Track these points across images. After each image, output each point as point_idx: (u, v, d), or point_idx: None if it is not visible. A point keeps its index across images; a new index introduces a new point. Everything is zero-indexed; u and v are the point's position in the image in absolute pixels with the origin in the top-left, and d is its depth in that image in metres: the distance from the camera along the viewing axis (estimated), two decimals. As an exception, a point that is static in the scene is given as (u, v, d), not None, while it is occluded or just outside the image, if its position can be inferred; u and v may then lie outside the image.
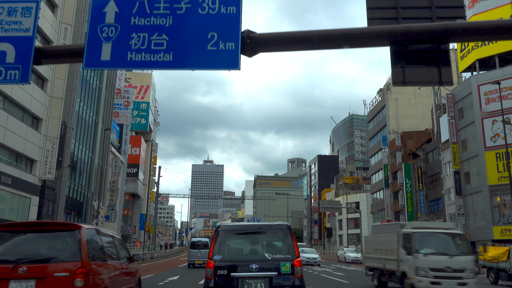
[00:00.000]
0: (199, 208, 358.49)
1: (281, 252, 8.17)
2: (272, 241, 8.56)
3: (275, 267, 7.89)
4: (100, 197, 49.59)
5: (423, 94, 63.16)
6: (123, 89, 63.71)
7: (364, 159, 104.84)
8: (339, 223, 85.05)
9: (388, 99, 64.05)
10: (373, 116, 70.66)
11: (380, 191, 66.21)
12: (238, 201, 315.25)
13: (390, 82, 65.20)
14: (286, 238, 8.34)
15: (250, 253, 8.50)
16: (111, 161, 53.06)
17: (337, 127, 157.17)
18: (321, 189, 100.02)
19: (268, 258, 8.04)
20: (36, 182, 33.32)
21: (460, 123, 42.89)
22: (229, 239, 8.59)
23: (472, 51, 42.64)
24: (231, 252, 8.48)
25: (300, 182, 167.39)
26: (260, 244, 8.60)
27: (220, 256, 8.11)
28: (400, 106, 63.57)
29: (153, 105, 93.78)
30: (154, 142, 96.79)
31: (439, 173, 47.21)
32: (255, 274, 7.81)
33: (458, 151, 42.58)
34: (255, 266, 7.85)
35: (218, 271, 7.91)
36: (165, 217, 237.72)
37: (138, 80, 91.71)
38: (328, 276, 24.35)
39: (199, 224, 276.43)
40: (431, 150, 50.20)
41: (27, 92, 31.42)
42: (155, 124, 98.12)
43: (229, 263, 8.00)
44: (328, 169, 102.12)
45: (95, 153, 46.89)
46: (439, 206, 47.74)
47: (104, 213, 50.69)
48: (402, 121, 62.84)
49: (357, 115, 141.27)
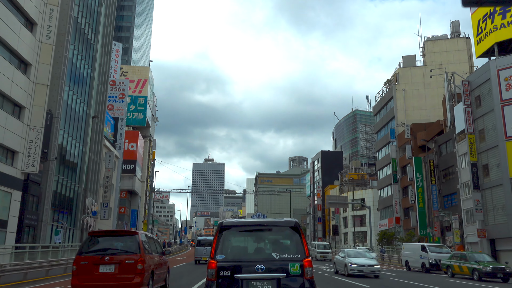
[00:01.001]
0: (200, 206, 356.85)
1: (289, 251, 7.55)
2: (280, 239, 7.95)
3: (283, 267, 7.30)
4: (93, 193, 46.73)
5: (433, 85, 60.18)
6: (118, 81, 60.79)
7: (369, 154, 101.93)
8: (344, 220, 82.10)
9: (396, 90, 61.06)
10: (380, 108, 67.69)
11: (388, 187, 63.31)
12: (239, 200, 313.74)
13: (398, 73, 62.24)
14: (294, 235, 7.74)
15: (256, 252, 7.78)
16: (105, 156, 50.14)
17: (340, 123, 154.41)
18: (324, 186, 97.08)
19: (275, 258, 7.45)
20: (18, 176, 30.44)
21: (477, 112, 39.94)
22: (233, 237, 7.95)
23: (490, 34, 39.67)
24: (234, 251, 7.79)
25: (302, 180, 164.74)
26: (267, 242, 7.95)
27: (223, 255, 7.50)
28: (408, 98, 60.59)
29: (151, 99, 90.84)
30: (152, 138, 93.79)
31: (454, 166, 44.28)
32: (262, 275, 7.22)
33: (475, 142, 39.63)
34: (262, 267, 7.26)
35: (220, 272, 7.32)
36: (165, 216, 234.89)
37: (135, 73, 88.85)
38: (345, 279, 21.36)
39: (200, 223, 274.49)
40: (444, 142, 47.25)
41: (6, 77, 28.56)
42: (153, 120, 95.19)
43: (233, 264, 7.39)
44: (332, 165, 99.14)
45: (86, 146, 44.00)
46: (453, 202, 44.81)
47: (97, 210, 47.81)
48: (411, 113, 59.86)
49: (361, 110, 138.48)
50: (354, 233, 71.94)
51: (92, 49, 45.40)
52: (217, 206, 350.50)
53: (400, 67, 62.77)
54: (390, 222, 60.19)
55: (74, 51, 40.77)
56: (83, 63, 43.12)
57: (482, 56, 41.52)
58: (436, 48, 61.17)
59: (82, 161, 43.21)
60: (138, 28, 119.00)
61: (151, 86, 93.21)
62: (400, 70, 62.09)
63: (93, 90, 45.64)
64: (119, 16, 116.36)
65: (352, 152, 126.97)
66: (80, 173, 42.96)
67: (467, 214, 41.27)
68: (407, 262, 28.97)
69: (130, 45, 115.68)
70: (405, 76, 61.38)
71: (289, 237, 7.81)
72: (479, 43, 41.41)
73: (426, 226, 49.06)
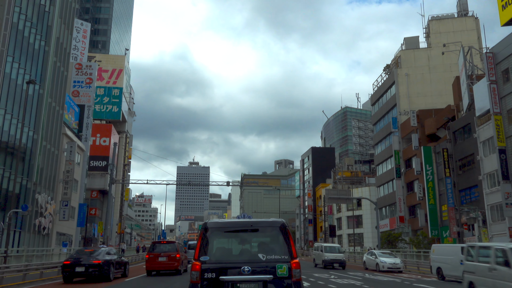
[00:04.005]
0: (184, 211, 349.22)
1: (276, 252, 7.26)
2: (267, 240, 7.61)
3: (270, 269, 7.03)
4: (49, 190, 39.36)
5: (439, 69, 54.06)
6: (85, 64, 53.43)
7: (362, 151, 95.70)
8: (338, 221, 75.44)
9: (398, 74, 54.75)
10: (379, 97, 61.34)
11: (389, 183, 56.91)
12: (225, 204, 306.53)
13: (399, 56, 55.92)
14: (282, 236, 7.45)
15: (242, 254, 7.50)
16: (66, 146, 42.80)
17: (329, 122, 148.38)
18: (316, 185, 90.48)
19: (262, 259, 7.17)
20: None
21: (504, 88, 33.67)
22: (218, 238, 7.63)
23: (519, -4, 33.46)
24: (219, 253, 7.48)
25: (290, 181, 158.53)
26: (253, 243, 7.64)
27: (207, 257, 7.23)
28: (412, 83, 54.32)
29: (127, 91, 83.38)
30: (129, 134, 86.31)
31: (473, 154, 37.96)
32: (248, 277, 6.95)
33: (503, 124, 33.33)
34: (248, 269, 6.98)
35: (205, 274, 7.03)
36: (147, 220, 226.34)
37: (109, 63, 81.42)
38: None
39: (184, 227, 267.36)
40: (459, 128, 40.91)
41: None
42: (130, 114, 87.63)
43: (218, 265, 7.11)
44: (323, 163, 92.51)
45: (39, 133, 36.65)
46: (473, 196, 38.42)
47: (55, 209, 40.42)
48: (415, 100, 53.60)
49: (351, 107, 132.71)
50: (352, 234, 65.12)
51: (47, 18, 38.12)
52: (201, 210, 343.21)
53: (402, 49, 56.49)
54: (392, 222, 53.71)
55: (20, 15, 33.59)
56: (34, 32, 35.86)
57: (508, 24, 35.22)
58: (442, 28, 55.09)
59: (33, 150, 35.86)
60: (116, 21, 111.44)
61: (127, 77, 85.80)
62: (402, 53, 55.79)
63: (48, 67, 38.32)
64: (96, 8, 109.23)
65: (342, 151, 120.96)
66: (30, 164, 35.61)
67: (492, 210, 34.92)
68: (439, 270, 22.16)
69: (108, 38, 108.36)
70: (408, 59, 55.10)
71: (276, 237, 7.49)
72: (504, 9, 35.14)
73: (437, 225, 42.66)
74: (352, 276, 23.46)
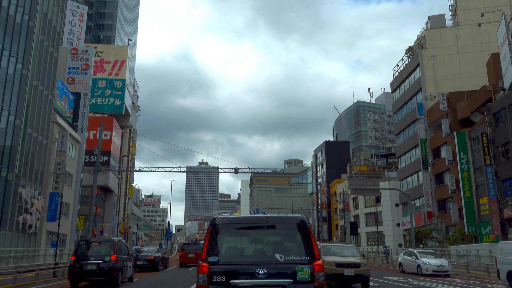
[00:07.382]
0: (193, 211, 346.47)
1: (296, 252, 6.36)
2: (284, 238, 6.64)
3: (289, 272, 6.14)
4: (36, 184, 34.98)
5: (468, 48, 49.00)
6: (81, 49, 49.13)
7: (378, 145, 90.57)
8: (354, 219, 70.48)
9: (424, 56, 49.72)
10: (400, 82, 56.29)
11: (413, 176, 51.92)
12: (234, 204, 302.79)
13: (423, 36, 50.89)
14: (302, 234, 6.51)
15: (256, 254, 6.58)
16: (57, 136, 38.43)
17: (341, 117, 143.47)
18: (330, 181, 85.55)
19: (279, 260, 6.28)
20: None
21: (560, 58, 28.71)
22: (228, 235, 6.74)
23: None
24: (230, 252, 6.58)
25: (301, 179, 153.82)
26: (269, 241, 6.66)
27: (216, 257, 6.39)
28: (438, 65, 49.29)
29: (131, 83, 79.11)
30: (133, 129, 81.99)
31: (519, 138, 33.01)
32: (263, 281, 6.07)
33: (559, 100, 28.37)
34: (263, 271, 6.11)
35: (213, 277, 6.20)
36: (156, 221, 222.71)
37: (111, 54, 77.20)
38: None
39: (193, 228, 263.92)
40: (501, 109, 35.88)
41: None
42: (134, 108, 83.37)
43: (228, 267, 6.25)
44: (338, 158, 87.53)
45: (22, 118, 32.27)
46: (520, 186, 33.47)
47: (43, 205, 36.02)
48: (442, 84, 48.57)
49: (364, 102, 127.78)
50: (372, 233, 60.11)
51: (31, -11, 33.75)
52: (211, 210, 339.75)
53: (427, 29, 51.46)
54: (418, 219, 48.71)
55: (-4, -19, 29.28)
56: (15, 3, 31.52)
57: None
58: (471, 4, 50.00)
59: (14, 138, 31.49)
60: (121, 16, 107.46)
61: (131, 69, 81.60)
62: (427, 32, 50.73)
63: (33, 46, 33.91)
64: (100, 2, 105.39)
65: (355, 147, 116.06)
66: (12, 154, 31.25)
67: (546, 202, 29.97)
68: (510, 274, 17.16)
69: (113, 33, 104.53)
70: (434, 39, 50.04)
71: (295, 235, 6.57)
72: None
73: (475, 220, 37.71)
74: (394, 282, 18.70)
